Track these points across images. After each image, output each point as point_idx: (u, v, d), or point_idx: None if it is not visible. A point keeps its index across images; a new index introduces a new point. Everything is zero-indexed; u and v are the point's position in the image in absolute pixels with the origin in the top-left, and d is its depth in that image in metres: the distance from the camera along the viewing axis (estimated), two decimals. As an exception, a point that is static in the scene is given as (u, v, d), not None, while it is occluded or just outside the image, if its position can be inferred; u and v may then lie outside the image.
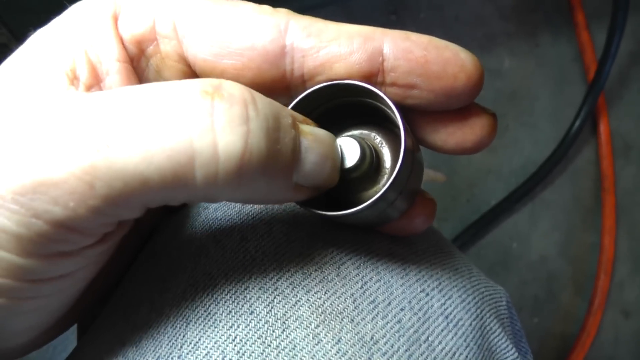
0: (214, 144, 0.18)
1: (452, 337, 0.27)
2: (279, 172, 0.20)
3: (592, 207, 1.07)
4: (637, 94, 1.11)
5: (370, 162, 0.25)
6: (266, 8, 0.23)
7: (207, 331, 0.24)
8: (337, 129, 0.26)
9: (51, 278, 0.21)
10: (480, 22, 1.03)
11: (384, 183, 0.24)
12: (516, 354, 0.32)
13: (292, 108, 0.24)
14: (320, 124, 0.26)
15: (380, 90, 0.23)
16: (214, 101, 0.19)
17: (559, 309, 1.04)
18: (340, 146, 0.24)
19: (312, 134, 0.22)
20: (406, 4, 0.99)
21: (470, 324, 0.28)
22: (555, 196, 1.05)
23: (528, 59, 1.05)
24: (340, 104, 0.25)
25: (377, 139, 0.27)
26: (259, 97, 0.20)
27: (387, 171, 0.26)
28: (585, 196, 1.08)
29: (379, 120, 0.26)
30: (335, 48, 0.22)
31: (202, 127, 0.18)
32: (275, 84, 0.23)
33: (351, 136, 0.24)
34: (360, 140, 0.24)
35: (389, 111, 0.24)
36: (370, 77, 0.23)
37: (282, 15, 0.23)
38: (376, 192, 0.23)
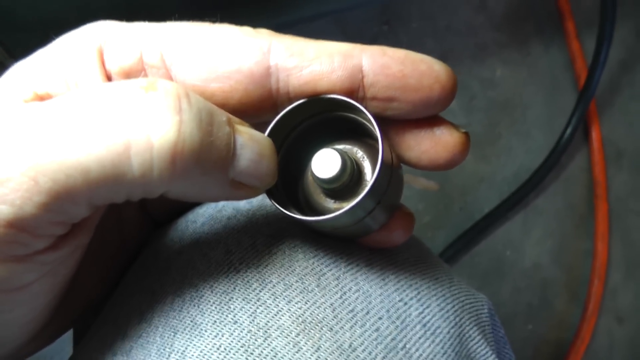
0: (148, 132, 0.19)
1: (430, 345, 0.28)
2: (214, 165, 0.21)
3: (585, 214, 1.08)
4: (628, 101, 1.12)
5: (351, 174, 0.25)
6: (248, 30, 0.24)
7: (193, 340, 0.25)
8: (320, 144, 0.27)
9: (6, 290, 0.21)
10: (471, 32, 1.04)
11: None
12: (497, 360, 0.33)
13: (276, 122, 0.25)
14: (304, 138, 0.27)
15: (361, 104, 0.24)
16: (147, 93, 0.20)
17: (553, 316, 1.05)
18: (322, 157, 0.24)
19: (247, 133, 0.22)
20: (398, 14, 1.00)
21: (449, 332, 0.29)
22: (548, 203, 1.06)
23: (520, 68, 1.06)
24: (323, 120, 0.26)
25: (359, 153, 0.28)
26: (193, 94, 0.21)
27: (368, 184, 0.27)
28: (578, 203, 1.08)
29: (361, 136, 0.27)
30: (318, 67, 0.23)
31: (136, 116, 0.19)
32: (263, 103, 0.24)
33: (333, 149, 0.25)
34: (342, 152, 0.25)
35: (369, 125, 0.25)
36: (352, 93, 0.24)
37: (265, 36, 0.23)
38: None
